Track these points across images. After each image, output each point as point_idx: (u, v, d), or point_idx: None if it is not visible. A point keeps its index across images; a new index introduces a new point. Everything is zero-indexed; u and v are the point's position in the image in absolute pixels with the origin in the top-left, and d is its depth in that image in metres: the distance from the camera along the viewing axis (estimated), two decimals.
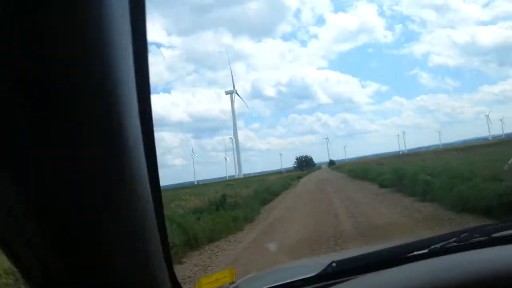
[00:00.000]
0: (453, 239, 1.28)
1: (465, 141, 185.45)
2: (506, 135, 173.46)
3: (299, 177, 55.75)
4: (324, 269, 1.22)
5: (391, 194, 15.17)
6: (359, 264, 1.25)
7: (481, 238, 1.27)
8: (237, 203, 15.88)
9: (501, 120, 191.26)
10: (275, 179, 44.04)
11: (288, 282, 1.28)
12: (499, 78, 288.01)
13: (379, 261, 1.24)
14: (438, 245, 1.26)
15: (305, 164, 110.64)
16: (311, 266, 1.38)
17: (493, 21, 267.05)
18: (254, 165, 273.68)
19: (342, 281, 1.18)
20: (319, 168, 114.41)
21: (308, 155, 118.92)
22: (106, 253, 0.71)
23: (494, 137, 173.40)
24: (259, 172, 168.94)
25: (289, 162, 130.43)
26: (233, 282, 1.33)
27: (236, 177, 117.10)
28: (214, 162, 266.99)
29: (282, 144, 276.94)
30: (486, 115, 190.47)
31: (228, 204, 15.48)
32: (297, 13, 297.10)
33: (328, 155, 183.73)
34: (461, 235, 1.29)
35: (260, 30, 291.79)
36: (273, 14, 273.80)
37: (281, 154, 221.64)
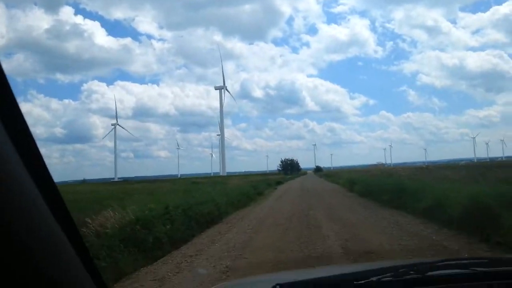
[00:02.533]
0: (390, 273, 1.19)
1: (450, 161, 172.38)
2: (491, 158, 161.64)
3: (279, 183, 40.92)
4: None
5: None
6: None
7: (415, 276, 1.18)
8: None
9: (486, 143, 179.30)
10: (242, 183, 29.35)
11: None
12: (485, 103, 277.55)
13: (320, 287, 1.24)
14: (374, 278, 1.16)
15: (290, 167, 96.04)
16: (257, 284, 1.34)
17: (482, 48, 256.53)
18: (239, 164, 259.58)
19: None
20: (305, 173, 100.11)
21: (294, 158, 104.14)
22: None
23: (479, 159, 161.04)
24: (244, 172, 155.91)
25: (275, 165, 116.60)
26: None
27: (220, 174, 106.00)
28: (199, 157, 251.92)
29: (268, 146, 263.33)
30: (472, 137, 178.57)
31: None
32: (290, 20, 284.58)
33: (315, 161, 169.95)
34: (399, 270, 1.20)
35: (252, 33, 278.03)
36: (266, 19, 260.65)
37: (267, 156, 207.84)
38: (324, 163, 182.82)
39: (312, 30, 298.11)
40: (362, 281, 1.15)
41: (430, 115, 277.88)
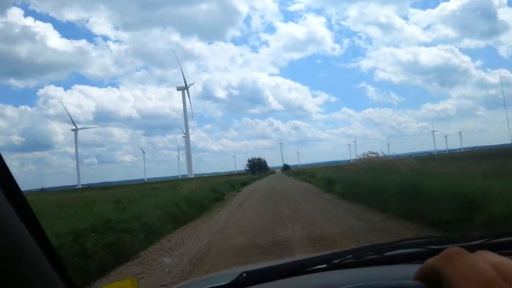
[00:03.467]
0: (350, 255, 1.17)
1: (412, 154, 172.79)
2: (450, 150, 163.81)
3: (245, 184, 36.30)
4: (235, 279, 1.07)
5: None
6: (266, 274, 1.13)
7: (374, 256, 1.17)
8: None
9: (445, 136, 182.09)
10: (201, 187, 24.50)
11: None
12: (440, 97, 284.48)
13: (285, 272, 1.13)
14: (336, 261, 1.15)
15: (257, 167, 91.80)
16: (225, 276, 1.20)
17: (434, 43, 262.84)
18: (207, 166, 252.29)
19: None
20: (273, 172, 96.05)
21: (262, 158, 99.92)
22: None
23: (439, 151, 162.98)
24: (213, 173, 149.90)
25: (242, 165, 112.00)
26: None
27: (188, 176, 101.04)
28: (165, 160, 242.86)
29: (235, 146, 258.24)
30: (432, 131, 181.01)
31: None
32: (248, 19, 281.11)
33: (282, 159, 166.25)
34: (358, 252, 1.19)
35: (210, 32, 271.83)
36: (223, 18, 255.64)
37: (234, 156, 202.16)
38: (291, 161, 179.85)
39: (270, 28, 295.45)
40: (325, 264, 1.15)
41: (390, 110, 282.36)
